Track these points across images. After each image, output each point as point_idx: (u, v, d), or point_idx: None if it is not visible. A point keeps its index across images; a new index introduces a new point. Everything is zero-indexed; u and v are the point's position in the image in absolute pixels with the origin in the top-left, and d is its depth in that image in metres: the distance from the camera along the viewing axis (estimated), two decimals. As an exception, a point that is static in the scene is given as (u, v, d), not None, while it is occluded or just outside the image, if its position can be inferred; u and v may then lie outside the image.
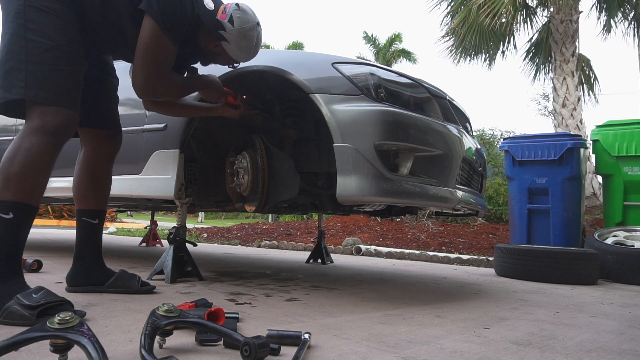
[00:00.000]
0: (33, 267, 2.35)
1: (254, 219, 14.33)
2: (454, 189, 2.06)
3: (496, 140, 11.22)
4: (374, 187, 1.77)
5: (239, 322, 1.38)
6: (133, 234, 7.88)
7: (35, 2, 1.44)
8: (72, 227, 9.05)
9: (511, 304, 2.07)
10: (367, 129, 1.79)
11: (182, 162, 2.20)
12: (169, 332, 1.07)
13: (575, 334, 1.48)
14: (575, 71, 7.50)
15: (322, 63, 1.99)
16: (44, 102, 1.42)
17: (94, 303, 1.57)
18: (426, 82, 2.20)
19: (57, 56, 1.45)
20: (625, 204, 4.14)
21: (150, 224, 5.10)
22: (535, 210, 4.18)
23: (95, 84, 1.74)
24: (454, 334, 1.39)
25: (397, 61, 21.87)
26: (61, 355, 0.89)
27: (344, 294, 2.08)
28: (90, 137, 1.79)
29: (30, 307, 1.22)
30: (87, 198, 1.78)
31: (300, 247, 5.47)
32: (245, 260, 3.78)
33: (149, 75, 1.61)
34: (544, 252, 3.16)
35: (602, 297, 2.47)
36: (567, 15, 7.45)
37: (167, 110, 1.97)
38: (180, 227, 2.21)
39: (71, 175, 1.81)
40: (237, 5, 1.75)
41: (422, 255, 4.61)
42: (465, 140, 2.22)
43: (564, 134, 4.32)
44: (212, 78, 1.91)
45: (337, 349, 1.14)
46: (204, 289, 2.00)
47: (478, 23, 7.74)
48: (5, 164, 1.37)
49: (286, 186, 2.16)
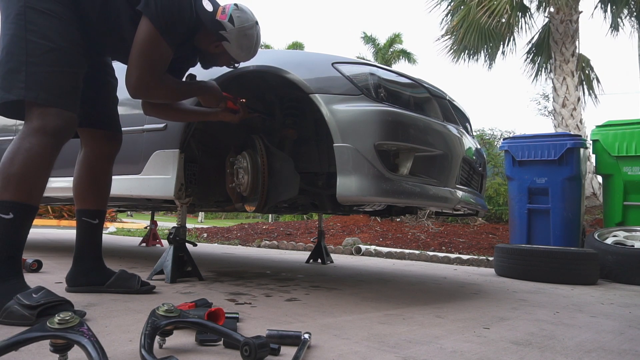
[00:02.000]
0: (33, 267, 2.35)
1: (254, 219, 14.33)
2: (454, 189, 2.06)
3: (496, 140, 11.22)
4: (374, 187, 1.77)
5: (239, 322, 1.38)
6: (133, 234, 7.88)
7: (35, 4, 1.44)
8: (72, 227, 9.05)
9: (511, 304, 2.07)
10: (367, 129, 1.79)
11: (182, 162, 2.20)
12: (169, 332, 1.07)
13: (575, 334, 1.48)
14: (575, 71, 7.50)
15: (322, 63, 1.99)
16: (44, 103, 1.42)
17: (94, 303, 1.57)
18: (426, 82, 2.20)
19: (58, 58, 1.45)
20: (625, 204, 4.14)
21: (150, 224, 5.10)
22: (535, 210, 4.18)
23: (94, 84, 1.74)
24: (454, 334, 1.39)
25: (396, 61, 21.88)
26: (61, 355, 0.89)
27: (344, 294, 2.08)
28: (90, 138, 1.79)
29: (30, 307, 1.22)
30: (87, 198, 1.78)
31: (300, 247, 5.47)
32: (245, 260, 3.78)
33: (142, 75, 1.62)
34: (544, 252, 3.16)
35: (602, 297, 2.47)
36: (567, 15, 7.45)
37: (166, 114, 1.97)
38: (180, 227, 2.21)
39: (71, 175, 1.81)
40: (236, 5, 1.76)
41: (422, 255, 4.61)
42: (465, 140, 2.22)
43: (564, 134, 4.32)
44: (210, 84, 1.92)
45: (337, 349, 1.14)
46: (204, 289, 2.00)
47: (477, 22, 7.74)
48: (5, 165, 1.37)
49: (286, 186, 2.16)
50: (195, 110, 2.03)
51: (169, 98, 1.83)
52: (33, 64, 1.42)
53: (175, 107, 1.95)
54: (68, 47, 1.48)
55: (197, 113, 2.03)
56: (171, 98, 1.84)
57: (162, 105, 1.90)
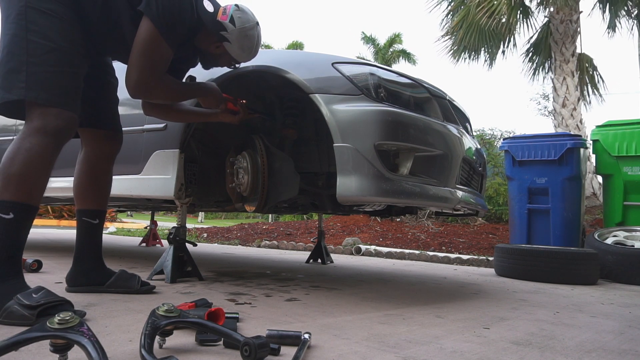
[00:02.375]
0: (33, 267, 2.35)
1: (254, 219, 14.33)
2: (454, 189, 2.06)
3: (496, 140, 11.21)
4: (374, 187, 1.77)
5: (239, 322, 1.38)
6: (133, 234, 7.88)
7: (36, 4, 1.44)
8: (72, 227, 9.05)
9: (511, 304, 2.07)
10: (367, 129, 1.79)
11: (182, 162, 2.20)
12: (169, 332, 1.07)
13: (575, 334, 1.48)
14: (575, 71, 7.49)
15: (322, 63, 1.99)
16: (44, 103, 1.42)
17: (94, 303, 1.57)
18: (426, 82, 2.20)
19: (58, 58, 1.45)
20: (625, 204, 4.14)
21: (150, 224, 5.10)
22: (535, 210, 4.18)
23: (95, 84, 1.74)
24: (454, 334, 1.39)
25: (396, 62, 21.88)
26: (61, 355, 0.89)
27: (344, 294, 2.08)
28: (91, 138, 1.79)
29: (30, 307, 1.22)
30: (87, 198, 1.78)
31: (300, 247, 5.47)
32: (245, 260, 3.78)
33: (142, 75, 1.62)
34: (544, 252, 3.16)
35: (602, 297, 2.47)
36: (567, 15, 7.44)
37: (166, 115, 1.97)
38: (180, 227, 2.21)
39: (71, 175, 1.81)
40: (237, 5, 1.76)
41: (422, 255, 4.61)
42: (465, 140, 2.22)
43: (564, 134, 4.32)
44: (210, 85, 1.92)
45: (337, 349, 1.14)
46: (204, 289, 2.00)
47: (477, 22, 7.74)
48: (6, 165, 1.37)
49: (286, 186, 2.16)
50: (196, 111, 2.03)
51: (169, 99, 1.83)
52: (34, 64, 1.42)
53: (176, 108, 1.95)
54: (69, 47, 1.48)
55: (197, 114, 2.03)
56: (171, 99, 1.84)
57: (162, 106, 1.90)
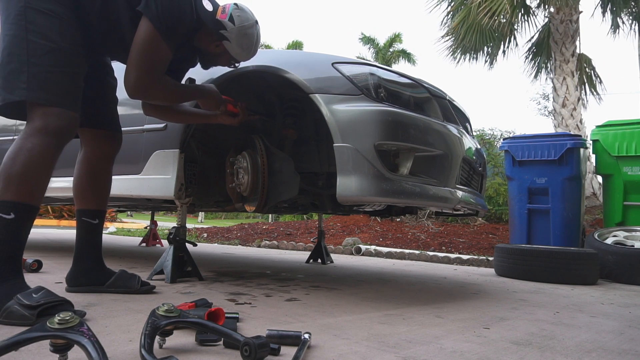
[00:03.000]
0: (33, 267, 2.35)
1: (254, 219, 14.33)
2: (454, 189, 2.06)
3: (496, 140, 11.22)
4: (374, 187, 1.77)
5: (239, 322, 1.38)
6: (133, 234, 7.88)
7: (35, 4, 1.44)
8: (72, 227, 9.05)
9: (511, 304, 2.07)
10: (367, 129, 1.79)
11: (182, 162, 2.20)
12: (169, 332, 1.07)
13: (575, 334, 1.48)
14: (575, 71, 7.50)
15: (322, 63, 1.99)
16: (45, 103, 1.42)
17: (94, 303, 1.57)
18: (426, 82, 2.20)
19: (58, 58, 1.45)
20: (625, 204, 4.14)
21: (150, 224, 5.10)
22: (535, 210, 4.18)
23: (94, 84, 1.74)
24: (454, 334, 1.39)
25: (396, 62, 21.88)
26: (61, 355, 0.89)
27: (344, 294, 2.08)
28: (90, 138, 1.79)
29: (30, 307, 1.22)
30: (87, 198, 1.78)
31: (300, 247, 5.47)
32: (245, 260, 3.78)
33: (141, 76, 1.61)
34: (544, 252, 3.16)
35: (602, 297, 2.47)
36: (567, 15, 7.45)
37: (166, 115, 1.97)
38: (180, 227, 2.21)
39: (71, 175, 1.81)
40: (236, 4, 1.76)
41: (422, 255, 4.61)
42: (465, 140, 2.22)
43: (564, 134, 4.32)
44: (209, 88, 1.92)
45: (337, 349, 1.14)
46: (204, 289, 2.00)
47: (477, 22, 7.74)
48: (7, 165, 1.37)
49: (286, 186, 2.16)
50: (195, 112, 2.03)
51: (168, 100, 1.83)
52: (34, 65, 1.42)
53: (175, 109, 1.95)
54: (68, 48, 1.48)
55: (197, 115, 2.03)
56: (170, 100, 1.83)
57: (162, 106, 1.90)
